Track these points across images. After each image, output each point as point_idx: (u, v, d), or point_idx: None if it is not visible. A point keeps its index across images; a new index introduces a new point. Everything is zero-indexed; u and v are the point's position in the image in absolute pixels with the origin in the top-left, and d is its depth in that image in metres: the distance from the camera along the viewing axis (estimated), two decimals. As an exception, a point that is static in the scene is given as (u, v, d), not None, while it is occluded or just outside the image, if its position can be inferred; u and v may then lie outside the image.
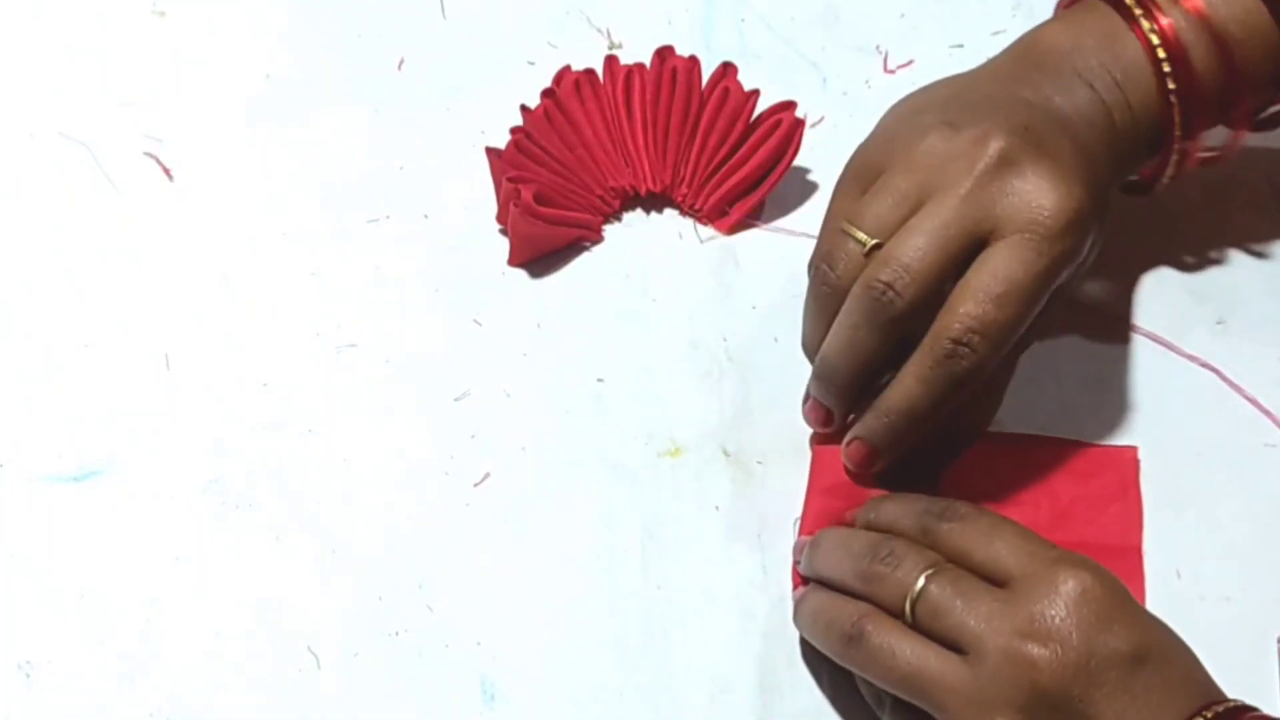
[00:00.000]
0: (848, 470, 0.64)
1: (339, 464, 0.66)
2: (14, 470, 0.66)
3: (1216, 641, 0.61)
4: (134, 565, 0.64)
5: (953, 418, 0.62)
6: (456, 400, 0.68)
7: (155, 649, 0.63)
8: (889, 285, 0.60)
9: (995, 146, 0.60)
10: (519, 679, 0.62)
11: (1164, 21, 0.63)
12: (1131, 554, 0.64)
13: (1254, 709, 0.56)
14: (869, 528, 0.62)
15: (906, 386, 0.61)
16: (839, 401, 0.64)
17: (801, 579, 0.63)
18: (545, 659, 0.63)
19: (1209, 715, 0.55)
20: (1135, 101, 0.64)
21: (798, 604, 0.62)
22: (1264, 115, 0.67)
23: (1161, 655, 0.56)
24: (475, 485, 0.66)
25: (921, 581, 0.57)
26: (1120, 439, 0.67)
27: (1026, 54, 0.65)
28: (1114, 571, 0.58)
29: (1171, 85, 0.63)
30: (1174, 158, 0.65)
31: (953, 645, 0.57)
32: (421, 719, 0.62)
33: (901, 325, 0.61)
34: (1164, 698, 0.55)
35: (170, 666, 0.62)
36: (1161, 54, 0.63)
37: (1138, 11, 0.64)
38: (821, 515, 0.64)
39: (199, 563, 0.64)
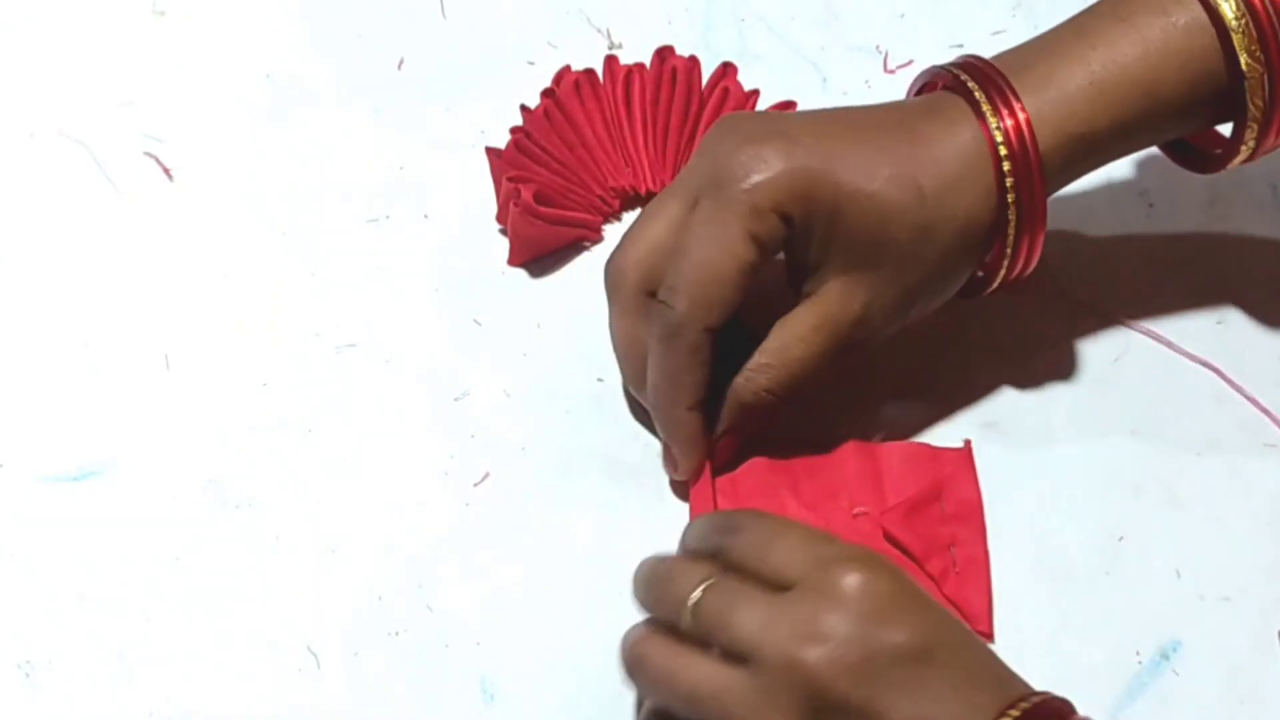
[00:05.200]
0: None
1: (339, 464, 0.66)
2: (14, 470, 0.66)
3: (1216, 641, 0.61)
4: (134, 565, 0.64)
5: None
6: (456, 400, 0.68)
7: (155, 649, 0.62)
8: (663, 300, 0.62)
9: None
10: (519, 679, 0.62)
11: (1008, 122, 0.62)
12: (978, 552, 0.64)
13: (1065, 701, 0.54)
14: (684, 552, 0.61)
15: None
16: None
17: None
18: (545, 659, 0.63)
19: (1016, 713, 0.53)
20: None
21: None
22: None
23: (951, 649, 0.54)
24: (475, 485, 0.66)
25: (697, 594, 0.56)
26: (1120, 439, 0.67)
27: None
28: (965, 562, 0.59)
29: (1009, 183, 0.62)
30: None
31: (734, 656, 0.55)
32: (421, 719, 0.62)
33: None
34: (956, 691, 0.53)
35: (170, 666, 0.62)
36: (1003, 151, 0.62)
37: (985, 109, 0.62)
38: None
39: (199, 563, 0.64)
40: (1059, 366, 0.69)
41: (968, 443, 0.66)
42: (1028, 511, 0.66)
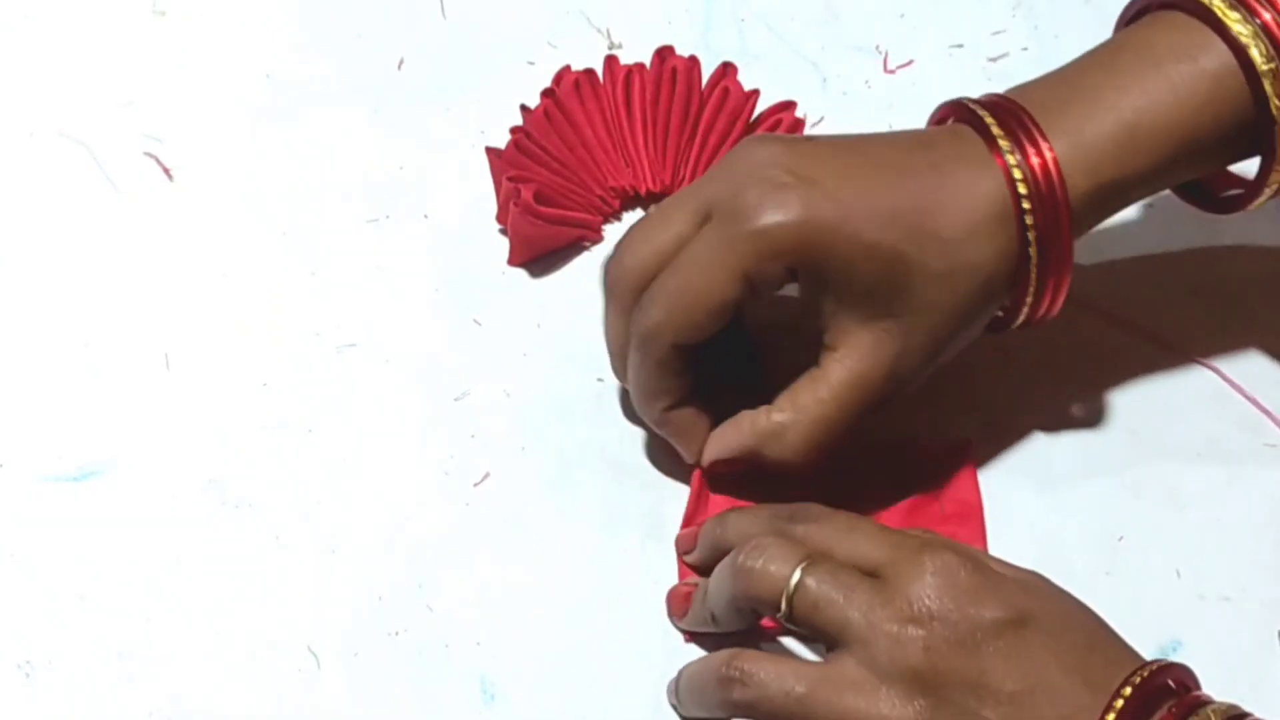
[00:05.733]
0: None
1: (339, 464, 0.66)
2: (14, 470, 0.66)
3: (1216, 641, 0.61)
4: (134, 565, 0.64)
5: None
6: (456, 400, 0.68)
7: (155, 649, 0.62)
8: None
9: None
10: (519, 679, 0.62)
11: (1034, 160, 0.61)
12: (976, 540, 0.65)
13: (1186, 670, 0.56)
14: (717, 544, 0.62)
15: None
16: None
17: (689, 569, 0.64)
18: (545, 659, 0.63)
19: (1138, 680, 0.54)
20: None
21: (676, 684, 0.61)
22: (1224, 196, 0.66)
23: (1045, 616, 0.56)
24: (475, 485, 0.66)
25: (798, 575, 0.57)
26: (1120, 439, 0.67)
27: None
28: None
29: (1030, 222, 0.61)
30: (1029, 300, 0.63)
31: (832, 637, 0.56)
32: (421, 719, 0.62)
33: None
34: (1062, 659, 0.55)
35: (170, 666, 0.62)
36: (1024, 191, 0.61)
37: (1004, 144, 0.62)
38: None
39: (199, 563, 0.64)
40: (1059, 367, 0.69)
41: (968, 443, 0.66)
42: (1028, 511, 0.66)
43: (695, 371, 0.63)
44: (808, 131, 0.73)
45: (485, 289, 0.70)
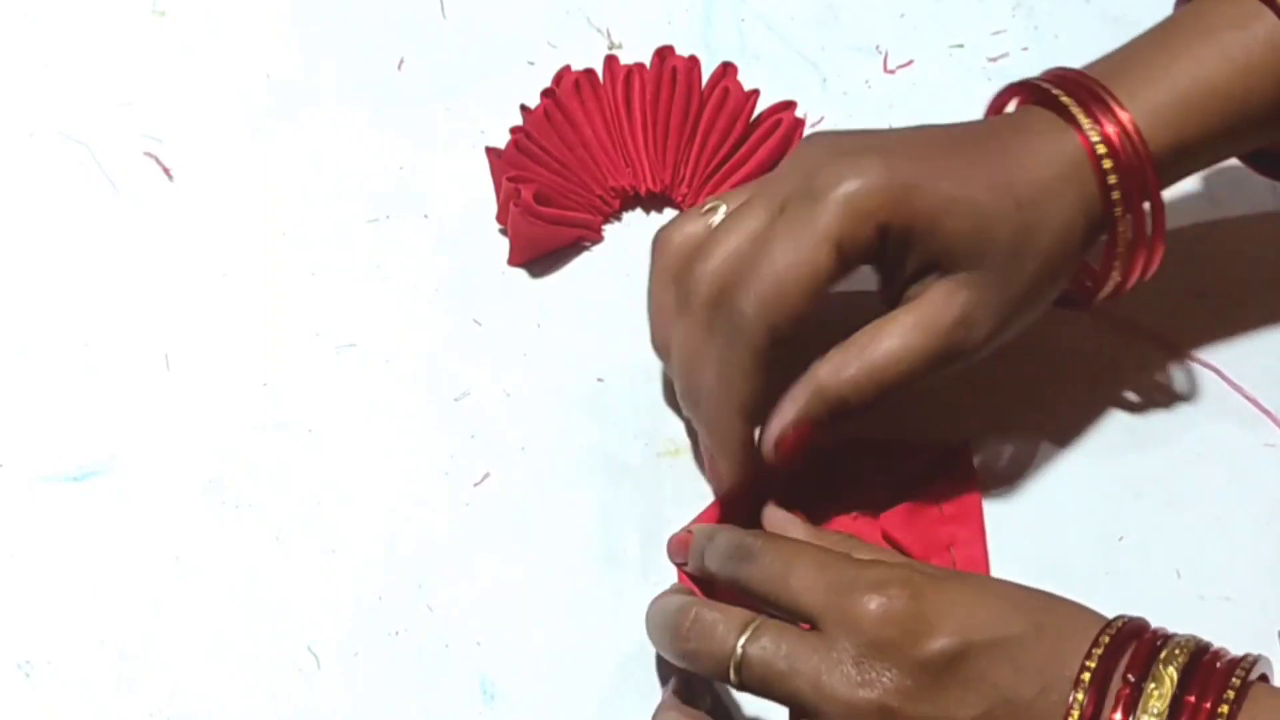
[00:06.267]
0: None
1: (339, 464, 0.66)
2: (14, 470, 0.66)
3: (1217, 641, 0.60)
4: (134, 565, 0.64)
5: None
6: (456, 400, 0.68)
7: (155, 649, 0.62)
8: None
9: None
10: (519, 679, 0.62)
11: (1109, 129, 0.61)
12: (978, 553, 0.64)
13: (1139, 620, 0.55)
14: (692, 571, 0.61)
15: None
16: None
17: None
18: (545, 659, 0.63)
19: (1092, 663, 0.53)
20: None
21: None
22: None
23: (994, 625, 0.54)
24: (475, 485, 0.66)
25: (740, 648, 0.56)
26: (1120, 439, 0.67)
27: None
28: (965, 563, 0.60)
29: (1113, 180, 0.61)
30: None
31: (791, 707, 0.55)
32: (421, 719, 0.62)
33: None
34: (1020, 666, 0.53)
35: (170, 666, 0.62)
36: (1102, 150, 0.61)
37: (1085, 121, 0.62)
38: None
39: (199, 563, 0.64)
40: (1059, 366, 0.69)
41: (968, 443, 0.66)
42: (1028, 511, 0.66)
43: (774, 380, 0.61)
44: (808, 132, 0.73)
45: (485, 289, 0.70)
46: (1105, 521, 0.66)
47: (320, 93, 0.75)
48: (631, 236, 0.71)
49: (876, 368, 0.60)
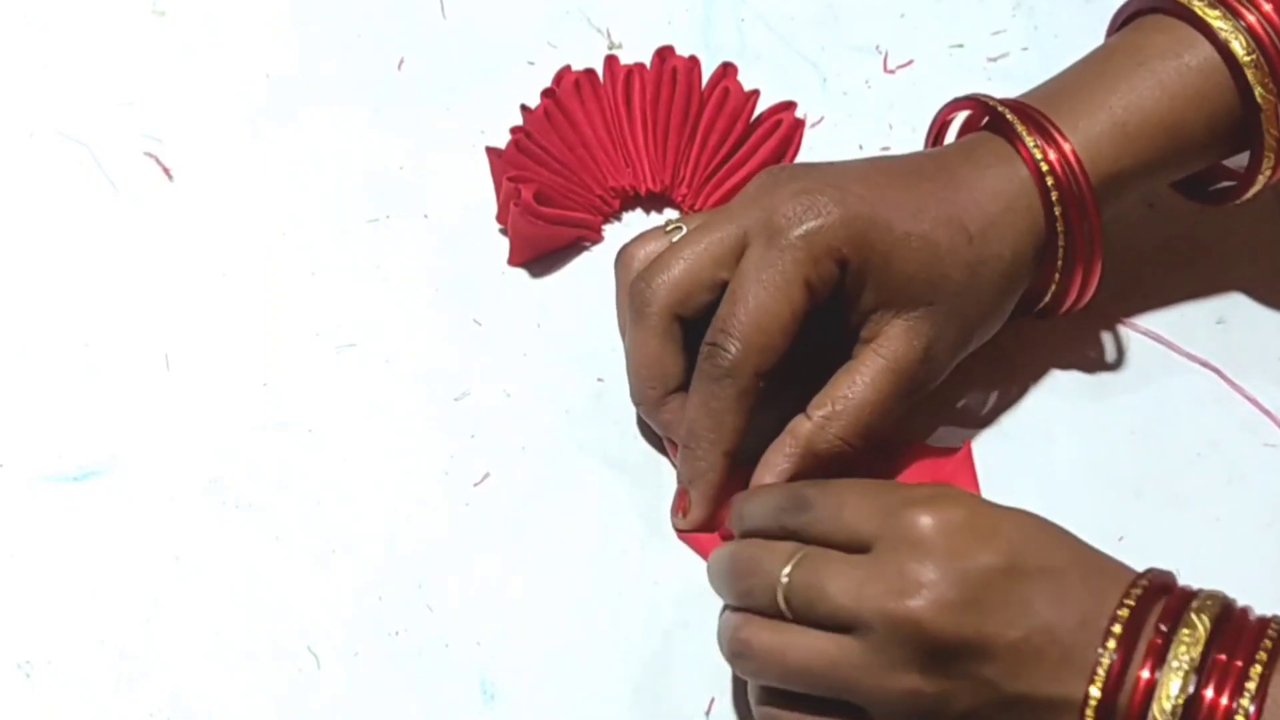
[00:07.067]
0: None
1: (339, 464, 0.66)
2: (14, 470, 0.66)
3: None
4: (134, 565, 0.64)
5: None
6: (456, 400, 0.68)
7: (155, 649, 0.62)
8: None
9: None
10: (519, 679, 0.62)
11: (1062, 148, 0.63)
12: None
13: (1167, 574, 0.56)
14: (742, 533, 0.61)
15: None
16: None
17: None
18: (545, 659, 0.63)
19: (1131, 602, 0.54)
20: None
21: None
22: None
23: (1041, 553, 0.55)
24: (475, 485, 0.66)
25: (786, 577, 0.57)
26: (1120, 439, 0.67)
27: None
28: None
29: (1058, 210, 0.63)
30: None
31: (837, 626, 0.56)
32: (421, 719, 0.62)
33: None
34: (1059, 595, 0.54)
35: (170, 666, 0.62)
36: (1050, 181, 0.63)
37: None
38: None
39: (199, 563, 0.64)
40: (1059, 367, 0.69)
41: (967, 443, 0.66)
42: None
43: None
44: (808, 132, 0.73)
45: (485, 289, 0.70)
46: (1105, 521, 0.65)
47: (320, 93, 0.75)
48: (631, 236, 0.71)
49: (859, 419, 0.62)
